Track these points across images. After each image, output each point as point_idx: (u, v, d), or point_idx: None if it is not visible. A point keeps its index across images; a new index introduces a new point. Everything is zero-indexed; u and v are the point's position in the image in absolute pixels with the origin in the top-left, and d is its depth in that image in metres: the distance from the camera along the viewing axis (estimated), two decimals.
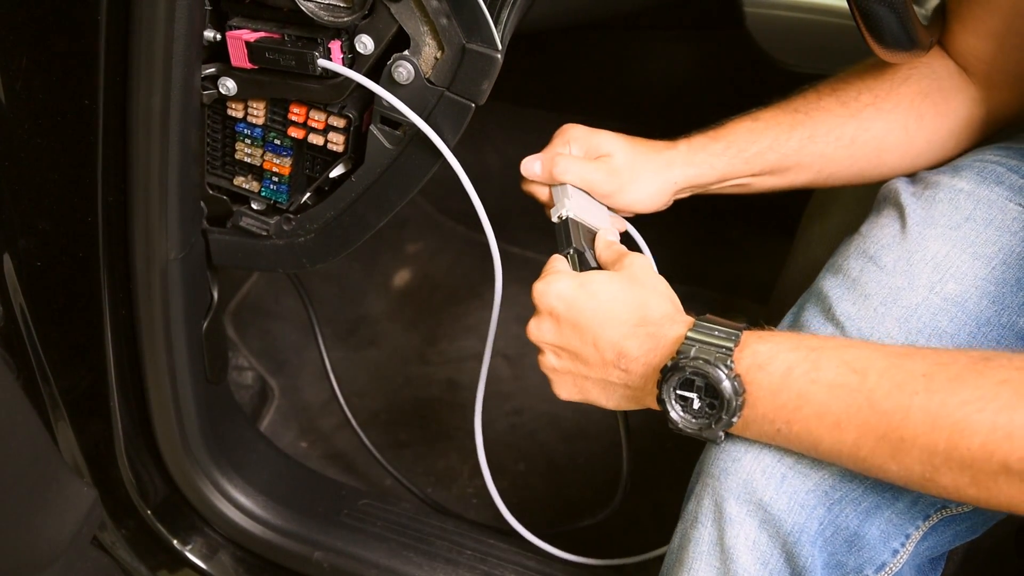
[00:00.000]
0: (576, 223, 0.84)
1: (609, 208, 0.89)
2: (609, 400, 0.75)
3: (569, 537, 1.18)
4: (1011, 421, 0.57)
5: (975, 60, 0.87)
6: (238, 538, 1.06)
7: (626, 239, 0.91)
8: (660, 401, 0.69)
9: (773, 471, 0.67)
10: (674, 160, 0.88)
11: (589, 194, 0.88)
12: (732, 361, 0.66)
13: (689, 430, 0.69)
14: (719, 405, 0.66)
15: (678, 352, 0.68)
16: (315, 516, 1.07)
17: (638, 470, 1.28)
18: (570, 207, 0.84)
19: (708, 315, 0.71)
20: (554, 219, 0.85)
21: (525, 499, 1.27)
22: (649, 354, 0.71)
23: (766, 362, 0.65)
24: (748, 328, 0.69)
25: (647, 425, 1.35)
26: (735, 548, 0.67)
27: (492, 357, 0.88)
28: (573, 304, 0.74)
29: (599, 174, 0.87)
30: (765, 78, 1.44)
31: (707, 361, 0.66)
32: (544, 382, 0.79)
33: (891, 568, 0.68)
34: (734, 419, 0.66)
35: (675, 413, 0.68)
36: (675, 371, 0.67)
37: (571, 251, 0.82)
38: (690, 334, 0.68)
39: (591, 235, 0.85)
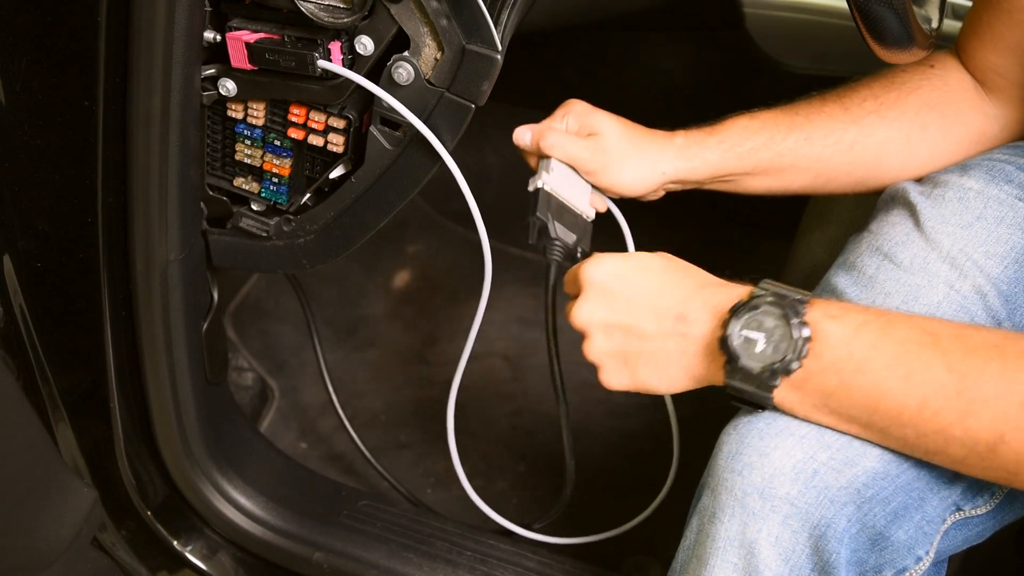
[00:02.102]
0: (548, 195, 0.85)
1: (594, 187, 0.90)
2: (662, 379, 0.73)
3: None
4: None
5: (994, 75, 0.87)
6: (238, 539, 1.06)
7: (610, 225, 0.92)
8: (724, 341, 0.68)
9: (804, 466, 0.67)
10: (666, 151, 0.89)
11: (576, 170, 0.89)
12: (804, 308, 0.66)
13: (754, 369, 0.67)
14: (785, 348, 0.66)
15: (750, 295, 0.68)
16: (315, 517, 1.07)
17: (638, 473, 1.28)
18: (546, 180, 0.85)
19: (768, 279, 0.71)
20: (529, 188, 0.86)
21: (525, 500, 1.27)
22: (712, 311, 0.70)
23: (838, 315, 0.66)
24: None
25: (646, 429, 1.35)
26: (757, 543, 0.67)
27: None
28: (626, 277, 0.74)
29: (586, 152, 0.88)
30: (765, 79, 1.44)
31: (782, 297, 0.66)
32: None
33: (912, 574, 0.68)
34: (795, 365, 0.65)
35: (739, 347, 0.67)
36: (746, 308, 0.67)
37: (535, 218, 0.83)
38: (762, 284, 0.69)
39: (563, 209, 0.86)
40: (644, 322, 0.72)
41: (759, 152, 0.88)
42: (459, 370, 0.91)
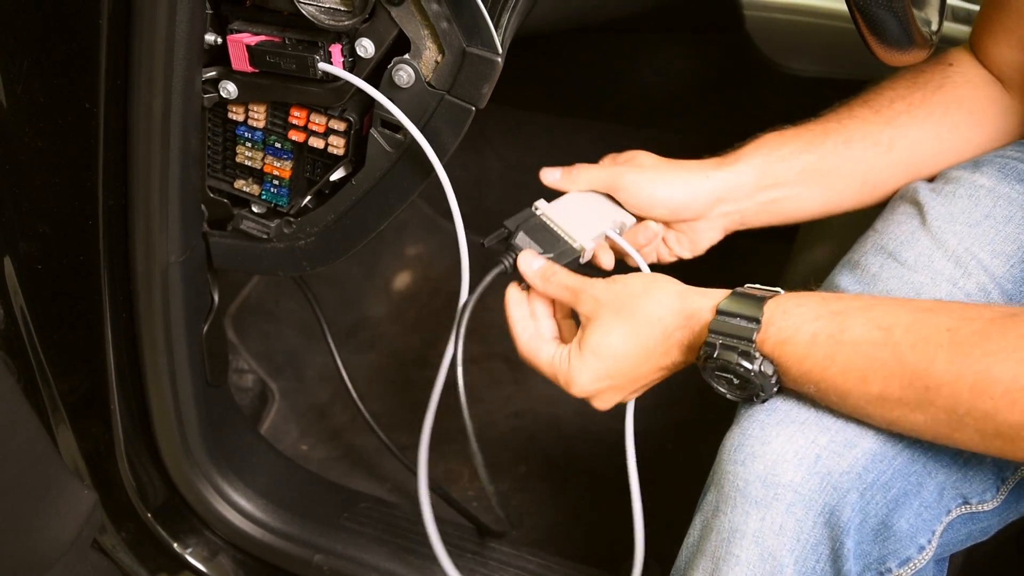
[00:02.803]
0: (533, 214, 0.84)
1: (635, 215, 0.86)
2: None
3: (567, 540, 1.18)
4: None
5: (1009, 70, 0.87)
6: (238, 541, 1.06)
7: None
8: (706, 380, 0.72)
9: (807, 452, 0.68)
10: (705, 165, 0.86)
11: (614, 199, 0.86)
12: (756, 348, 0.68)
13: (741, 397, 0.72)
14: (754, 384, 0.69)
15: (706, 344, 0.70)
16: (315, 519, 1.07)
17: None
18: (542, 205, 0.84)
19: (735, 291, 0.72)
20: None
21: (525, 501, 1.27)
22: (689, 351, 0.74)
23: (791, 336, 0.67)
24: (776, 295, 0.70)
25: (647, 431, 1.35)
26: (762, 532, 0.67)
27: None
28: (606, 376, 0.76)
29: (616, 170, 0.86)
30: (765, 80, 1.44)
31: (731, 359, 0.68)
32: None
33: (915, 564, 0.68)
34: (773, 391, 0.70)
35: (721, 389, 0.72)
36: (707, 365, 0.70)
37: (504, 227, 0.83)
38: (713, 326, 0.70)
39: (544, 230, 0.84)
40: (647, 381, 0.78)
41: (800, 155, 0.86)
42: (438, 385, 0.89)
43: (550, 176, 0.88)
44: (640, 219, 0.87)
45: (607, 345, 0.75)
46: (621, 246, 0.86)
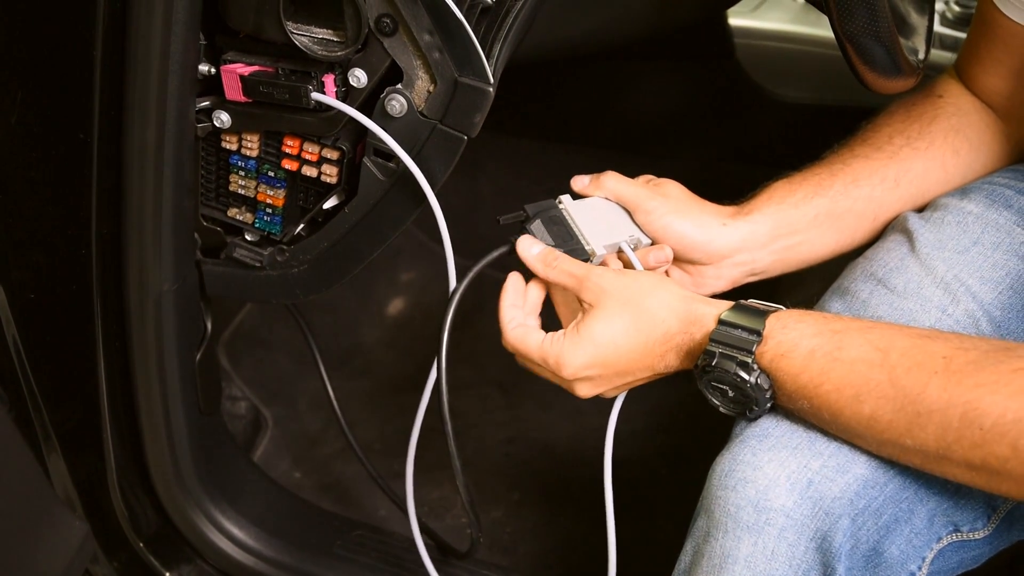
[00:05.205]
0: (555, 205, 0.84)
1: (649, 238, 0.85)
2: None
3: (562, 566, 1.18)
4: (1022, 406, 0.59)
5: (998, 97, 0.89)
6: (231, 570, 1.05)
7: None
8: (700, 390, 0.73)
9: (799, 476, 0.68)
10: (724, 210, 0.86)
11: (631, 215, 0.85)
12: (755, 360, 0.68)
13: (735, 410, 0.72)
14: (749, 396, 0.70)
15: (706, 352, 0.70)
16: (308, 547, 1.06)
17: (630, 501, 1.28)
18: (567, 199, 0.84)
19: (739, 303, 0.72)
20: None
21: (519, 528, 1.26)
22: (688, 358, 0.74)
23: (789, 350, 0.68)
24: (777, 310, 0.71)
25: (638, 454, 1.35)
26: (753, 557, 0.67)
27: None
28: (599, 363, 0.76)
29: (642, 191, 0.85)
30: (755, 107, 1.46)
31: (729, 368, 0.69)
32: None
33: None
34: (767, 406, 0.70)
35: (714, 401, 0.73)
36: (704, 374, 0.71)
37: (523, 209, 0.83)
38: (715, 335, 0.70)
39: (560, 223, 0.84)
40: (639, 375, 0.77)
41: (812, 200, 0.85)
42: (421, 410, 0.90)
43: (580, 182, 0.87)
44: (655, 242, 0.87)
45: (607, 334, 0.75)
46: (631, 262, 0.85)
